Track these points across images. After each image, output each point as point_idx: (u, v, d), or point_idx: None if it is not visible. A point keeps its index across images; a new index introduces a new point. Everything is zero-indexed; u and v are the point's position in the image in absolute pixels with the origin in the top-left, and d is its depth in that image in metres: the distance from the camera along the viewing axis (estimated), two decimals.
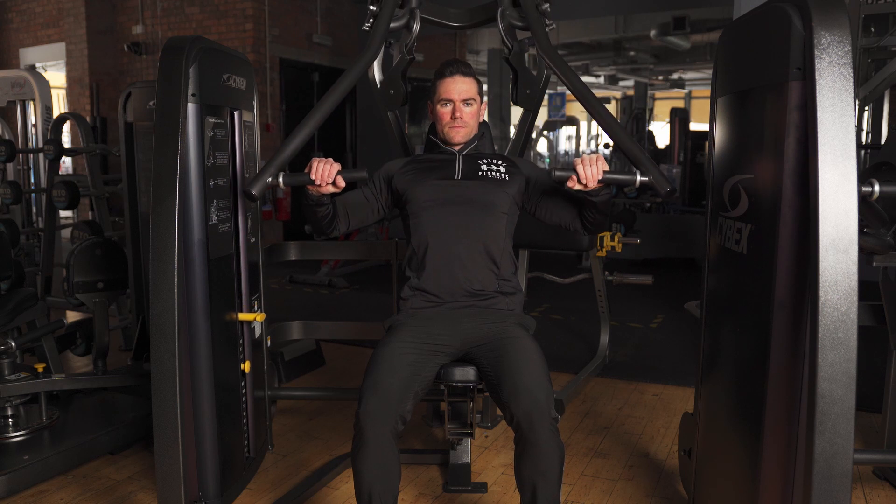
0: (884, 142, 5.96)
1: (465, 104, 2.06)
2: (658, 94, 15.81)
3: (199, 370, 2.03)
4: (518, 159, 2.18)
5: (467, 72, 2.07)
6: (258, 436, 2.46)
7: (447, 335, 1.93)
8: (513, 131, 4.20)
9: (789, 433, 1.60)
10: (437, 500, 2.31)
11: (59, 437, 2.49)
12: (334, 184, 1.82)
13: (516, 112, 5.66)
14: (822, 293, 1.42)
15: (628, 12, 8.74)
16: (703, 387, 2.05)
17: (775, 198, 1.58)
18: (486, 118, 2.21)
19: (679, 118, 10.01)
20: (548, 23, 2.23)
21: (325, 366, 3.67)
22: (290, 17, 7.47)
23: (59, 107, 8.18)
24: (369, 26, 2.28)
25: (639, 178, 1.73)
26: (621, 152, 1.85)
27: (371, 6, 2.29)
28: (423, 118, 9.07)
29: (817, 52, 1.44)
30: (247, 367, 2.28)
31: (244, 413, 2.30)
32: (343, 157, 8.38)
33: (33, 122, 5.93)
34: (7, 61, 8.82)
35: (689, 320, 4.28)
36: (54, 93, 6.39)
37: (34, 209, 5.46)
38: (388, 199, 2.12)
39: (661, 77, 14.52)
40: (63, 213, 4.83)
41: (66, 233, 5.01)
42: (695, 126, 9.89)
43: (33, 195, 5.42)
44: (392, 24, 2.32)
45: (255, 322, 2.36)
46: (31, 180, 5.74)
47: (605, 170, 1.76)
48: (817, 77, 1.43)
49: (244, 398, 2.30)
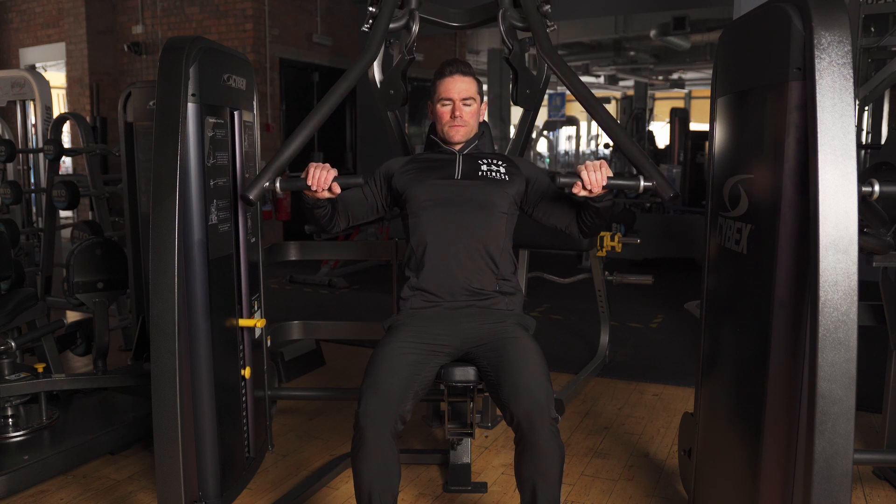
0: (884, 142, 5.96)
1: (464, 103, 2.06)
2: (658, 94, 15.81)
3: (199, 370, 2.03)
4: (518, 159, 2.18)
5: (467, 71, 2.08)
6: (258, 436, 2.46)
7: (447, 335, 1.93)
8: (513, 131, 4.21)
9: (789, 433, 1.60)
10: (437, 500, 2.31)
11: (59, 437, 2.49)
12: (330, 190, 1.83)
13: (516, 112, 5.66)
14: (822, 293, 1.42)
15: (628, 12, 8.74)
16: (703, 387, 2.05)
17: (775, 198, 1.58)
18: (485, 118, 2.21)
19: (679, 118, 10.01)
20: (549, 24, 2.24)
21: (325, 366, 3.67)
22: (290, 17, 7.47)
23: (59, 107, 8.18)
24: (369, 27, 2.28)
25: (643, 183, 1.73)
26: (624, 156, 1.84)
27: (371, 7, 2.29)
28: (423, 118, 9.07)
29: (817, 52, 1.44)
30: (247, 373, 2.28)
31: (244, 413, 2.30)
32: (343, 156, 8.38)
33: (33, 122, 5.93)
34: (7, 61, 8.82)
35: (689, 320, 4.28)
36: (54, 93, 6.39)
37: (34, 209, 5.46)
38: (388, 198, 2.12)
39: (661, 77, 14.52)
40: (63, 213, 4.83)
41: (66, 233, 5.01)
42: (695, 126, 9.89)
43: (33, 195, 5.42)
44: (392, 25, 2.33)
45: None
46: (31, 180, 5.74)
47: (610, 175, 1.76)
48: (817, 77, 1.43)
49: (244, 398, 2.30)
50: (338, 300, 5.39)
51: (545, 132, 12.45)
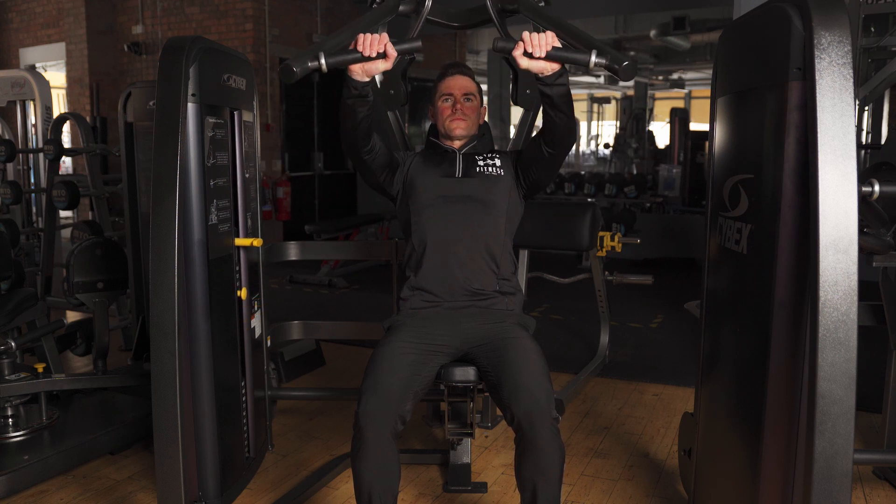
0: (884, 142, 5.96)
1: (465, 98, 2.09)
2: (658, 94, 15.83)
3: (199, 370, 2.03)
4: (507, 151, 2.20)
5: (467, 72, 2.12)
6: (258, 436, 2.46)
7: (447, 335, 1.93)
8: (513, 131, 4.21)
9: (789, 433, 1.60)
10: (437, 500, 2.31)
11: (59, 437, 2.49)
12: (384, 55, 1.65)
13: (516, 112, 5.66)
14: (822, 293, 1.42)
15: (628, 12, 8.75)
16: (703, 387, 2.05)
17: (775, 198, 1.58)
18: (486, 120, 2.22)
19: (679, 118, 10.03)
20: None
21: (325, 366, 3.67)
22: (290, 17, 7.47)
23: (59, 107, 8.18)
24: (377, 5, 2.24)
25: (594, 57, 1.56)
26: (574, 42, 1.66)
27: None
28: (423, 118, 9.07)
29: (817, 52, 1.44)
30: (243, 294, 2.24)
31: (244, 413, 2.30)
32: (343, 156, 8.38)
33: (33, 122, 5.92)
34: (7, 61, 8.82)
35: (689, 320, 4.27)
36: (54, 93, 6.39)
37: (34, 209, 5.45)
38: (402, 171, 2.10)
39: (661, 77, 14.53)
40: (63, 213, 4.83)
41: (66, 233, 5.00)
42: (695, 126, 9.90)
43: (33, 195, 5.42)
44: (401, 8, 2.28)
45: (255, 319, 2.36)
46: (31, 180, 5.73)
47: (556, 45, 1.63)
48: (817, 77, 1.43)
49: (244, 398, 2.30)
50: (338, 300, 5.39)
51: None
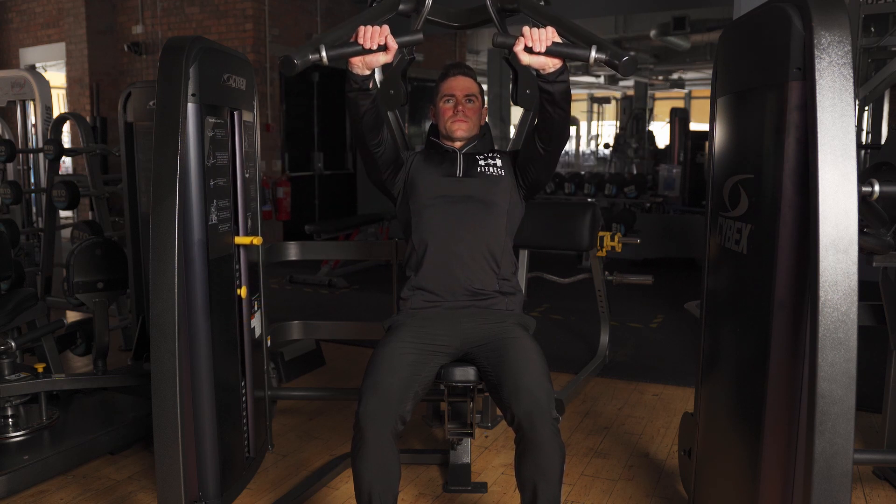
0: (884, 142, 5.96)
1: (467, 99, 2.09)
2: (658, 94, 15.83)
3: (199, 370, 2.03)
4: (507, 151, 2.20)
5: (469, 73, 2.12)
6: (258, 436, 2.46)
7: (447, 335, 1.93)
8: (513, 131, 4.21)
9: (789, 433, 1.60)
10: (437, 500, 2.31)
11: (59, 437, 2.49)
12: (385, 47, 1.64)
13: (516, 112, 5.65)
14: (822, 293, 1.42)
15: (628, 12, 8.75)
16: (703, 387, 2.05)
17: (775, 198, 1.58)
18: (487, 120, 2.22)
19: (679, 118, 10.02)
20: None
21: (325, 366, 3.67)
22: (290, 17, 7.47)
23: (59, 107, 8.18)
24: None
25: (594, 53, 1.56)
26: (575, 39, 1.66)
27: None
28: (424, 118, 9.07)
29: (817, 52, 1.44)
30: (243, 293, 2.24)
31: (244, 413, 2.30)
32: (343, 156, 8.38)
33: (33, 122, 5.92)
34: (7, 61, 8.82)
35: (689, 320, 4.27)
36: (54, 93, 6.39)
37: (34, 209, 5.45)
38: (404, 168, 2.10)
39: (661, 77, 14.52)
40: (63, 213, 4.83)
41: (66, 233, 5.00)
42: (695, 126, 9.90)
43: (33, 195, 5.41)
44: (401, 7, 2.28)
45: (255, 319, 2.36)
46: (31, 180, 5.73)
47: (557, 41, 1.62)
48: (817, 77, 1.43)
49: (244, 398, 2.30)
50: (338, 300, 5.39)
51: None
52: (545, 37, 1.61)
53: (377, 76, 2.50)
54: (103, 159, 6.14)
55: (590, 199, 8.10)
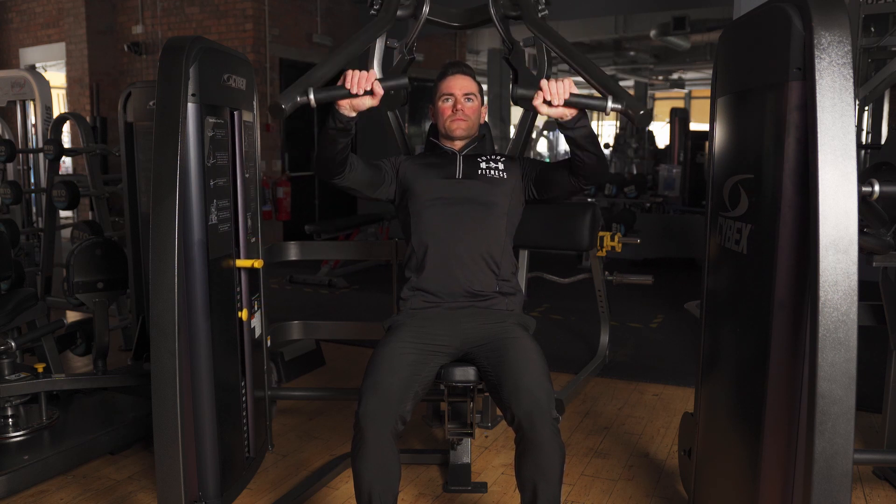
0: (884, 142, 5.96)
1: (466, 98, 2.08)
2: (658, 94, 15.81)
3: (199, 370, 2.03)
4: (514, 156, 2.19)
5: (468, 72, 2.11)
6: (258, 436, 2.46)
7: (447, 335, 1.93)
8: (513, 131, 4.21)
9: (789, 433, 1.60)
10: (437, 500, 2.31)
11: (59, 437, 2.49)
12: (372, 93, 1.72)
13: (516, 112, 5.65)
14: (822, 293, 1.42)
15: (628, 12, 8.73)
16: (703, 387, 2.05)
17: (775, 198, 1.58)
18: (486, 120, 2.21)
19: (679, 118, 10.02)
20: (541, 7, 2.22)
21: (325, 366, 3.67)
22: (290, 17, 7.47)
23: (59, 107, 8.18)
24: (376, 11, 2.24)
25: (610, 103, 1.65)
26: (594, 85, 1.73)
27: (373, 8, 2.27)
28: (424, 118, 9.06)
29: (817, 52, 1.44)
30: (244, 315, 2.24)
31: (244, 413, 2.30)
32: None
33: (33, 122, 5.92)
34: (7, 61, 8.82)
35: (689, 320, 4.27)
36: (54, 93, 6.39)
37: (34, 209, 5.45)
38: (395, 183, 2.10)
39: (661, 77, 14.51)
40: (63, 213, 4.83)
41: (66, 233, 5.01)
42: (695, 126, 9.90)
43: (33, 195, 5.42)
44: (399, 13, 2.29)
45: (255, 319, 2.36)
46: (31, 180, 5.73)
47: (574, 92, 1.68)
48: (817, 77, 1.43)
49: (244, 398, 2.30)
50: (338, 300, 5.39)
51: (545, 132, 12.45)
52: (563, 90, 1.68)
53: (377, 75, 2.50)
54: (103, 159, 6.14)
55: (590, 199, 8.10)
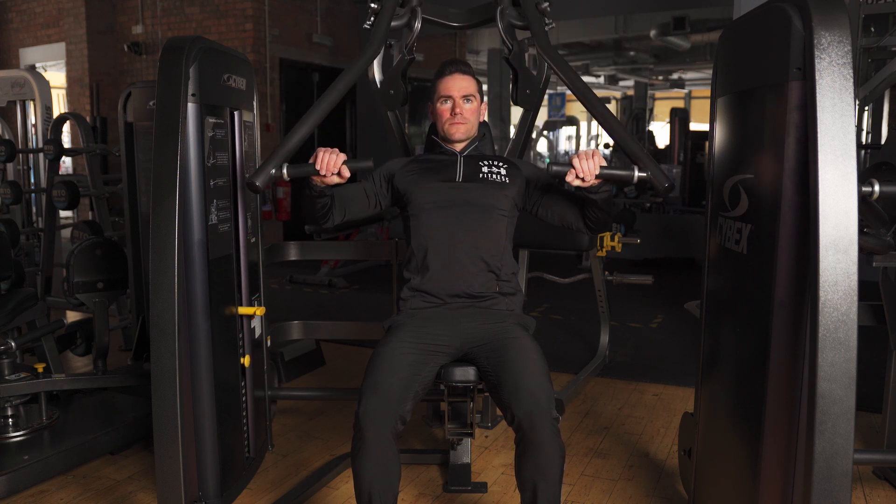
0: (884, 142, 5.96)
1: (465, 100, 2.06)
2: (658, 94, 15.81)
3: (199, 370, 2.03)
4: (518, 161, 2.18)
5: (467, 71, 2.08)
6: (258, 436, 2.46)
7: (447, 335, 1.93)
8: (513, 131, 4.21)
9: (789, 433, 1.60)
10: (437, 500, 2.31)
11: (59, 437, 2.49)
12: (339, 174, 1.80)
13: (516, 112, 5.65)
14: (822, 293, 1.42)
15: (628, 12, 8.74)
16: (703, 387, 2.05)
17: (775, 198, 1.58)
18: (486, 119, 2.21)
19: (679, 118, 10.02)
20: (547, 22, 2.23)
21: (325, 366, 3.67)
22: (290, 17, 7.47)
23: (59, 107, 8.18)
24: (370, 24, 2.27)
25: (637, 173, 1.74)
26: (620, 149, 1.85)
27: (372, 4, 2.28)
28: (423, 118, 9.06)
29: (817, 52, 1.44)
30: (246, 361, 2.27)
31: (244, 413, 2.30)
32: None
33: (33, 122, 5.93)
34: (7, 61, 8.82)
35: (689, 320, 4.27)
36: (54, 93, 6.39)
37: (34, 209, 5.45)
38: (388, 198, 2.11)
39: (661, 77, 14.51)
40: (63, 213, 4.83)
41: (66, 233, 5.00)
42: (695, 126, 9.90)
43: (33, 195, 5.42)
44: (393, 23, 2.32)
45: (255, 319, 2.36)
46: (31, 180, 5.74)
47: (603, 165, 1.76)
48: (817, 77, 1.43)
49: (244, 398, 2.30)
50: (338, 300, 5.39)
51: (545, 132, 12.46)
52: (594, 167, 1.75)
53: (377, 77, 2.50)
54: (103, 159, 6.14)
55: None
